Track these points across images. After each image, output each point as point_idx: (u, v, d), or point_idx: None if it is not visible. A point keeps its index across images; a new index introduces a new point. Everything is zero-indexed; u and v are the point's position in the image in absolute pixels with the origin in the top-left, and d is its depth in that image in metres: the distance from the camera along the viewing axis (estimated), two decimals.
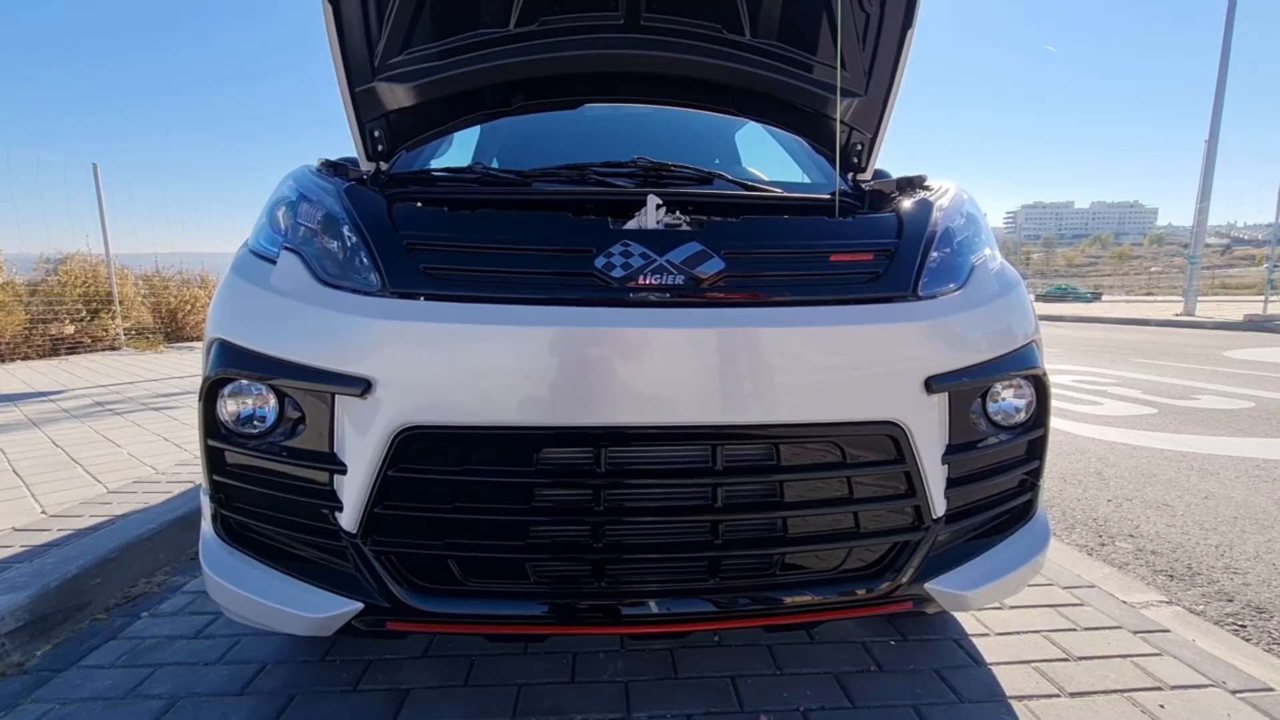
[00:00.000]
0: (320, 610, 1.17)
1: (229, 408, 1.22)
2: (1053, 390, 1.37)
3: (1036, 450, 1.38)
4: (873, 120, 1.92)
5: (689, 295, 1.19)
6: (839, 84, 1.81)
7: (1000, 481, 1.34)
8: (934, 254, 1.35)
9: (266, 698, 1.43)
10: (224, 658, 1.59)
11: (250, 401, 1.22)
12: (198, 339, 9.66)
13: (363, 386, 1.11)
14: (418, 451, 1.14)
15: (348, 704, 1.40)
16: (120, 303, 8.87)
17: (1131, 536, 2.49)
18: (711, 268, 1.22)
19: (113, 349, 8.58)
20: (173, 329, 9.94)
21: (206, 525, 1.28)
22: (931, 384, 1.20)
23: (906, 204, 1.50)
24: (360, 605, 1.17)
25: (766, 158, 2.64)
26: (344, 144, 1.80)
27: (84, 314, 8.51)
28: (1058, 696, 1.43)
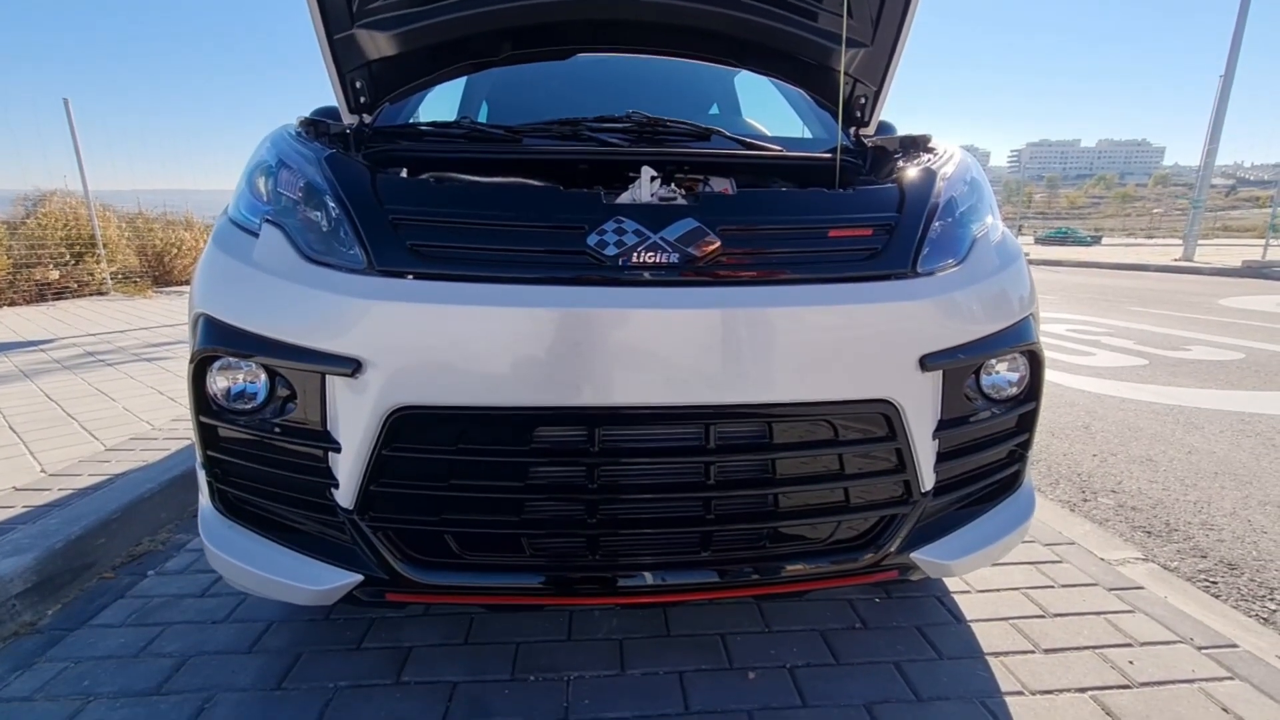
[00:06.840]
0: (321, 582, 1.20)
1: (219, 383, 1.21)
2: (1046, 341, 1.36)
3: (1027, 423, 1.39)
4: (878, 72, 1.83)
5: (683, 273, 1.16)
6: (844, 33, 1.71)
7: (990, 454, 1.36)
8: (935, 224, 1.31)
9: (274, 656, 1.48)
10: (231, 616, 1.64)
11: (240, 377, 1.20)
12: (186, 283, 9.48)
13: (353, 367, 1.09)
14: (411, 431, 1.14)
15: (352, 662, 1.46)
16: (104, 246, 8.66)
17: (1114, 492, 2.55)
18: (707, 245, 1.18)
19: (100, 294, 8.45)
20: (160, 273, 9.75)
21: (205, 499, 1.29)
22: (926, 362, 1.19)
23: (910, 173, 1.44)
24: (360, 577, 1.20)
25: (767, 105, 2.54)
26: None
27: (68, 258, 8.33)
28: (1032, 653, 1.50)
